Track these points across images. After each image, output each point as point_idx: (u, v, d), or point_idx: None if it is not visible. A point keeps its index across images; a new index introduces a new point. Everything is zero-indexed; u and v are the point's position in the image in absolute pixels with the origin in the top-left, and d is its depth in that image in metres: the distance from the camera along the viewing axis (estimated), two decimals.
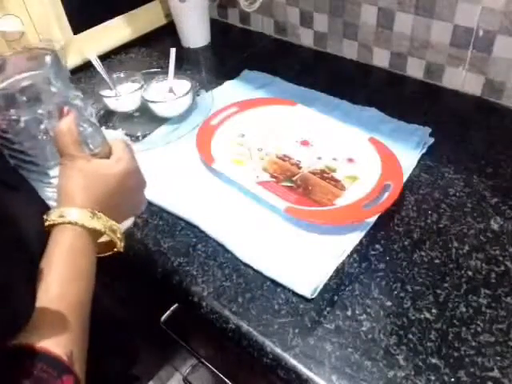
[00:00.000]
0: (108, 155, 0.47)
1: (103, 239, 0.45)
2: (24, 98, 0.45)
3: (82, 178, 0.43)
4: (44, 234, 0.41)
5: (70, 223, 0.40)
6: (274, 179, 0.69)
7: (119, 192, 0.45)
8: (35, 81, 0.46)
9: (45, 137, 0.47)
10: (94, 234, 0.42)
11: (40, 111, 0.46)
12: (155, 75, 0.87)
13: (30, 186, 0.48)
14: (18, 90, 0.45)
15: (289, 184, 0.68)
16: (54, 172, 0.49)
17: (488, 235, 0.60)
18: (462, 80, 0.85)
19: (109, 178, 0.45)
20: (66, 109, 0.45)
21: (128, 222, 0.53)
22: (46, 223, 0.41)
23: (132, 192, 0.48)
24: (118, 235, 0.44)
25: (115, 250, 0.45)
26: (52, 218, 0.41)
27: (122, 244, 0.45)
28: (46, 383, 0.32)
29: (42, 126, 0.47)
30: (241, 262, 0.59)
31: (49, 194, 0.50)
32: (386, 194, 0.63)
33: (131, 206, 0.50)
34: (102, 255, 0.45)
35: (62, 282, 0.38)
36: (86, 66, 0.94)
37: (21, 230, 0.40)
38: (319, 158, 0.72)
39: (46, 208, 0.46)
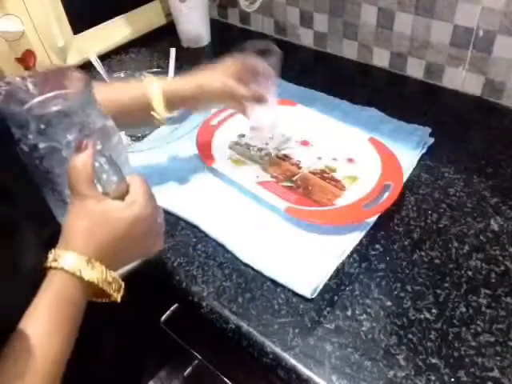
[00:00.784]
0: (124, 194, 0.44)
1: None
2: (42, 126, 0.41)
3: (88, 220, 0.41)
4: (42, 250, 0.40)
5: (62, 269, 0.39)
6: (274, 179, 0.69)
7: (127, 237, 0.43)
8: (64, 105, 0.43)
9: (64, 165, 0.43)
10: (87, 283, 0.40)
11: (58, 141, 0.43)
12: (155, 75, 0.87)
13: (34, 196, 0.46)
14: (40, 115, 0.42)
15: (289, 184, 0.68)
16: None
17: (488, 235, 0.60)
18: (462, 80, 0.85)
19: (117, 222, 0.42)
20: (84, 142, 0.42)
21: (131, 265, 0.49)
22: (44, 265, 0.40)
23: (142, 238, 0.45)
24: (114, 286, 0.41)
25: (110, 299, 0.43)
26: (48, 260, 0.40)
27: (119, 295, 0.42)
28: None
29: (64, 155, 0.43)
30: (241, 262, 0.59)
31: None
32: (386, 194, 0.63)
33: (139, 251, 0.47)
34: (98, 300, 0.43)
35: (41, 333, 0.37)
36: (86, 66, 0.94)
37: (16, 244, 0.39)
38: (319, 158, 0.72)
39: (44, 223, 0.45)
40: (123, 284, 0.43)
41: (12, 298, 0.38)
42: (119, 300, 0.42)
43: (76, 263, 0.39)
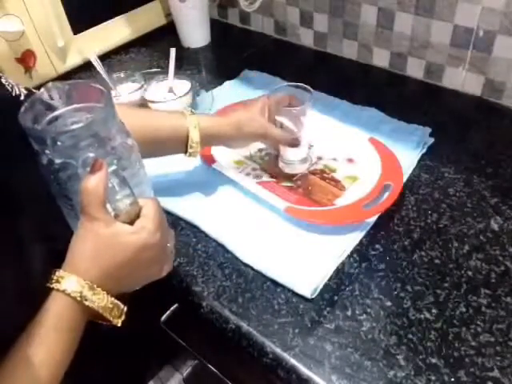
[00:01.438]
0: (135, 217, 0.43)
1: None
2: (59, 143, 0.40)
3: (95, 243, 0.41)
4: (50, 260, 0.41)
5: (64, 292, 0.39)
6: (274, 179, 0.69)
7: (133, 263, 0.42)
8: (86, 119, 0.42)
9: (78, 182, 0.42)
10: (88, 307, 0.40)
11: (74, 157, 0.42)
12: (155, 75, 0.87)
13: (40, 208, 0.46)
14: (58, 131, 0.41)
15: (289, 184, 0.68)
16: None
17: (488, 235, 0.60)
18: (462, 80, 0.85)
19: (125, 246, 0.42)
20: (99, 162, 0.41)
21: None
22: (48, 284, 0.40)
23: (148, 264, 0.45)
24: (115, 312, 0.41)
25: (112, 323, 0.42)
26: (52, 280, 0.40)
27: (120, 320, 0.42)
28: None
29: (79, 172, 0.42)
30: (241, 262, 0.59)
31: None
32: (386, 194, 0.63)
33: (145, 277, 0.46)
34: (99, 322, 0.43)
35: (38, 359, 0.38)
36: (86, 66, 0.94)
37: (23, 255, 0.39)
38: (319, 158, 0.72)
39: (51, 235, 0.45)
40: (125, 308, 0.43)
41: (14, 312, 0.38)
42: (119, 325, 0.42)
43: (77, 287, 0.39)
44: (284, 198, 0.64)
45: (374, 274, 0.57)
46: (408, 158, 0.71)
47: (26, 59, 0.89)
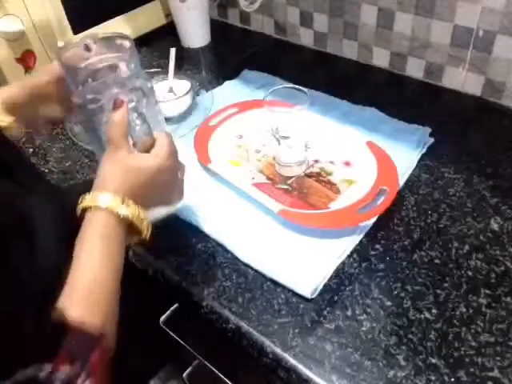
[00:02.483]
0: (150, 147, 0.51)
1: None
2: (90, 79, 0.50)
3: (120, 168, 0.47)
4: (63, 238, 0.44)
5: (100, 208, 0.44)
6: (269, 181, 0.68)
7: (152, 183, 0.49)
8: (114, 60, 0.52)
9: (103, 128, 0.52)
10: (123, 219, 0.45)
11: (101, 93, 0.51)
12: (155, 75, 0.87)
13: (48, 187, 0.49)
14: (93, 69, 0.51)
15: (284, 186, 0.67)
16: None
17: (488, 235, 0.60)
18: (462, 80, 0.85)
19: (143, 171, 0.48)
20: (119, 100, 0.49)
21: (160, 212, 0.55)
22: (80, 205, 0.44)
23: (164, 185, 0.51)
24: (145, 223, 0.47)
25: (141, 237, 0.48)
26: (86, 201, 0.45)
27: (148, 233, 0.48)
28: (81, 355, 0.36)
29: (104, 119, 0.51)
30: (241, 262, 0.59)
31: None
32: (381, 199, 0.62)
33: (161, 199, 0.53)
34: (129, 241, 0.48)
35: (94, 263, 0.42)
36: None
37: (36, 235, 0.41)
38: (316, 161, 0.72)
39: (64, 210, 0.48)
40: (151, 226, 0.49)
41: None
42: (148, 238, 0.48)
43: (112, 202, 0.44)
44: (279, 200, 0.64)
45: (373, 274, 0.57)
46: (408, 158, 0.71)
47: (25, 59, 0.89)
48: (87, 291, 0.40)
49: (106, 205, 0.44)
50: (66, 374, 0.34)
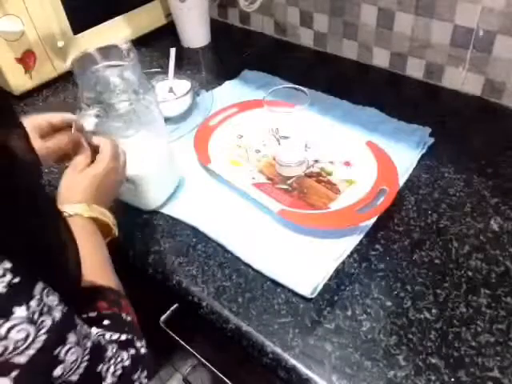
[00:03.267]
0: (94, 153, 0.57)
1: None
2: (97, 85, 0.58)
3: (74, 181, 0.54)
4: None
5: (76, 215, 0.51)
6: (269, 181, 0.68)
7: (103, 187, 0.55)
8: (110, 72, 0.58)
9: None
10: (94, 219, 0.52)
11: (97, 109, 0.57)
12: (155, 75, 0.87)
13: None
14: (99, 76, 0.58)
15: (284, 186, 0.67)
16: None
17: (488, 235, 0.60)
18: (462, 80, 0.85)
19: (95, 177, 0.55)
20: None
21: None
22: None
23: (113, 186, 0.58)
24: (111, 220, 0.54)
25: (112, 234, 0.55)
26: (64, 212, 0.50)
27: (115, 228, 0.55)
28: (115, 304, 0.43)
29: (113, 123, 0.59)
30: (241, 261, 0.59)
31: None
32: (381, 199, 0.62)
33: (113, 194, 0.59)
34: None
35: (87, 252, 0.46)
36: None
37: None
38: (316, 161, 0.72)
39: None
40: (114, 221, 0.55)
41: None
42: (116, 232, 0.55)
43: (82, 209, 0.51)
44: (279, 200, 0.64)
45: (373, 274, 0.57)
46: (408, 158, 0.71)
47: (25, 59, 0.89)
48: (91, 270, 0.45)
49: (79, 212, 0.51)
50: (111, 311, 0.42)
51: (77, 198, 0.53)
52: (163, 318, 0.67)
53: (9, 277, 0.29)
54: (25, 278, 0.30)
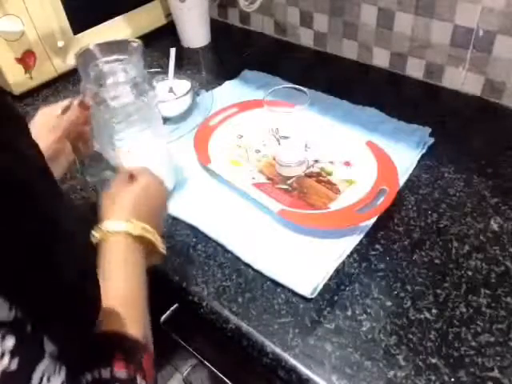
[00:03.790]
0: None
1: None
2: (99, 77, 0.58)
3: (117, 198, 0.50)
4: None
5: (117, 233, 0.47)
6: (269, 181, 0.68)
7: (143, 199, 0.51)
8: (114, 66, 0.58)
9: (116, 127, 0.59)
10: (138, 239, 0.48)
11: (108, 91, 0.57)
12: (155, 75, 0.87)
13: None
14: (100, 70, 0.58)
15: (285, 186, 0.67)
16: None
17: (488, 235, 0.60)
18: (462, 80, 0.85)
19: (133, 193, 0.51)
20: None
21: None
22: (97, 236, 0.47)
23: (154, 198, 0.53)
24: (158, 238, 0.49)
25: (159, 251, 0.50)
26: (101, 230, 0.47)
27: (164, 247, 0.51)
28: (134, 360, 0.38)
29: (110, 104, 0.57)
30: (241, 261, 0.59)
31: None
32: (381, 199, 0.62)
33: (160, 210, 0.54)
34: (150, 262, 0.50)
35: (122, 281, 0.44)
36: None
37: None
38: (316, 161, 0.72)
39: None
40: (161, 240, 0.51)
41: None
42: (165, 251, 0.51)
43: (126, 226, 0.47)
44: (279, 200, 0.64)
45: (373, 274, 0.57)
46: (408, 158, 0.71)
47: (25, 59, 0.89)
48: (124, 308, 0.42)
49: (122, 230, 0.47)
50: (126, 374, 0.36)
51: (117, 215, 0.49)
52: (163, 318, 0.67)
53: (6, 361, 0.25)
54: (24, 361, 0.26)
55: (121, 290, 0.44)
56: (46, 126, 0.59)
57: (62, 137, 0.60)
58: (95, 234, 0.47)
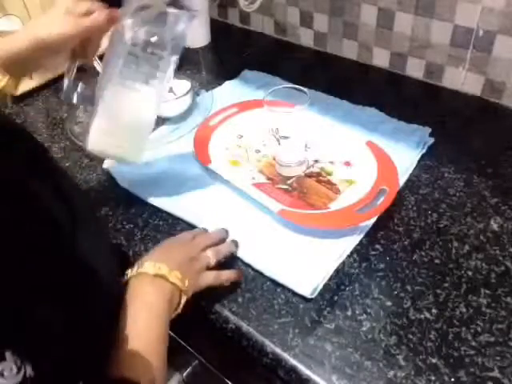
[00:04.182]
0: None
1: None
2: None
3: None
4: (115, 271, 0.48)
5: (144, 273, 0.48)
6: (269, 181, 0.68)
7: (173, 249, 0.55)
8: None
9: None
10: (163, 281, 0.49)
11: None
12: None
13: (98, 220, 0.54)
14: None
15: (284, 186, 0.67)
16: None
17: (488, 235, 0.60)
18: (462, 80, 0.85)
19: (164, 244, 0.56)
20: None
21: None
22: (127, 277, 0.49)
23: (180, 247, 0.56)
24: (184, 282, 0.50)
25: (183, 298, 0.51)
26: (131, 271, 0.50)
27: (189, 292, 0.51)
28: None
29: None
30: (241, 261, 0.59)
31: None
32: (381, 199, 0.62)
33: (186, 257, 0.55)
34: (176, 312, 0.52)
35: (142, 328, 0.45)
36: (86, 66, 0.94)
37: (93, 269, 0.42)
38: (316, 161, 0.72)
39: (112, 244, 0.56)
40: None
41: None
42: (189, 295, 0.51)
43: (150, 267, 0.49)
44: (279, 200, 0.64)
45: (373, 273, 0.57)
46: (408, 158, 0.71)
47: None
48: (140, 357, 0.42)
49: (146, 270, 0.49)
50: None
51: (149, 260, 0.50)
52: None
53: None
54: None
55: (142, 338, 0.44)
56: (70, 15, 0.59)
57: (77, 35, 0.58)
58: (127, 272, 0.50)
